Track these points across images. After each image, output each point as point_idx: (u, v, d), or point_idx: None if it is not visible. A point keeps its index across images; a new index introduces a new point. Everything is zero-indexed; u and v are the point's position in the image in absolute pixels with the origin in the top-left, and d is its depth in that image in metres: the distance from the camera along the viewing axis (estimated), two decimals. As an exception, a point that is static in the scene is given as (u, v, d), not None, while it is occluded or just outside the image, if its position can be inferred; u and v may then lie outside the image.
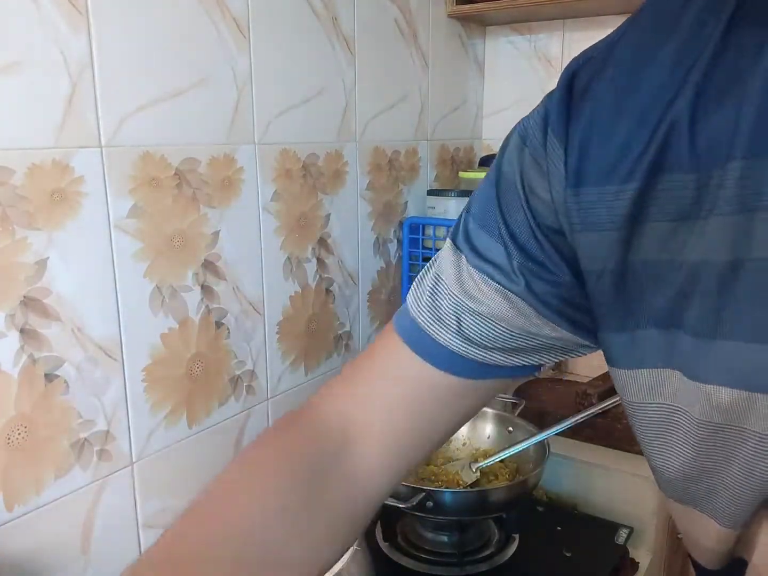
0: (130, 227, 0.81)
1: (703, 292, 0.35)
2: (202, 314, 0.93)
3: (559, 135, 0.39)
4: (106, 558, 0.84)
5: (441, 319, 0.46)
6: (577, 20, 1.40)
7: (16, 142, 0.69)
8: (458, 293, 0.45)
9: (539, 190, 0.41)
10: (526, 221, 0.42)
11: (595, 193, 0.37)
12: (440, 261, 0.47)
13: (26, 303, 0.72)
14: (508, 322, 0.44)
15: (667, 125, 0.35)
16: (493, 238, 0.43)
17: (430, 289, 0.47)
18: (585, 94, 0.39)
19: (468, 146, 1.52)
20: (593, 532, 1.02)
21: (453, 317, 0.45)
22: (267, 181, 1.00)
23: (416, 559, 0.95)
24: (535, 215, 0.42)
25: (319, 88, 1.06)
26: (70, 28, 0.72)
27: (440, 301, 0.46)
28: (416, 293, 0.48)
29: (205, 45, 0.87)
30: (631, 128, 0.36)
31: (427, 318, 0.46)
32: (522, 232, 0.42)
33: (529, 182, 0.42)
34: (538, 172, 0.41)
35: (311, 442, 0.48)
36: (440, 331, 0.46)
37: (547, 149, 0.40)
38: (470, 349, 0.45)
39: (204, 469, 0.97)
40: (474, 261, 0.44)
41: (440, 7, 1.33)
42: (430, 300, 0.46)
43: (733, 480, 0.38)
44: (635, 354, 0.39)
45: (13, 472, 0.73)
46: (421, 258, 1.30)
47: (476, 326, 0.45)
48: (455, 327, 0.45)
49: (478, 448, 1.07)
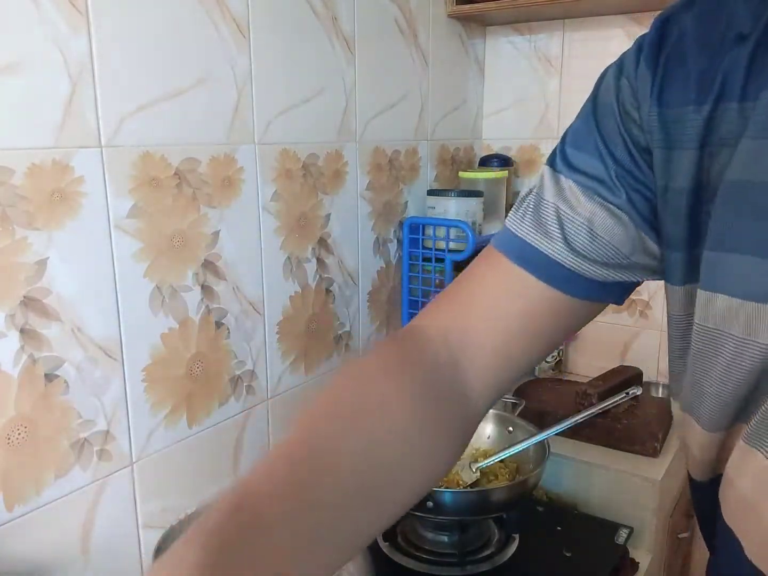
0: (130, 227, 0.81)
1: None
2: (202, 314, 0.93)
3: (649, 62, 0.45)
4: (106, 558, 0.84)
5: (547, 232, 0.49)
6: (577, 20, 1.40)
7: (16, 142, 0.69)
8: (562, 206, 0.49)
9: (632, 112, 0.46)
10: (623, 142, 0.47)
11: (675, 113, 0.43)
12: (540, 184, 0.52)
13: (26, 303, 0.72)
14: (608, 234, 0.48)
15: (732, 59, 0.40)
16: (593, 157, 0.48)
17: (533, 207, 0.50)
18: (674, 26, 0.45)
19: (468, 146, 1.52)
20: (593, 532, 1.02)
21: (558, 228, 0.48)
22: (267, 181, 1.00)
23: (416, 559, 0.95)
24: (631, 136, 0.46)
25: (319, 88, 1.06)
26: (70, 28, 0.72)
27: (545, 216, 0.49)
28: (516, 215, 0.52)
29: (205, 45, 0.87)
30: (709, 57, 0.42)
31: (533, 233, 0.49)
32: (620, 151, 0.47)
33: (623, 106, 0.47)
34: (631, 95, 0.46)
35: (424, 359, 0.50)
36: (547, 243, 0.49)
37: (638, 74, 0.46)
38: (574, 260, 0.48)
39: (204, 469, 0.97)
40: (575, 177, 0.48)
41: (440, 7, 1.33)
42: (533, 216, 0.50)
43: (714, 383, 0.43)
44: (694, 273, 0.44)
45: (13, 472, 0.73)
46: (421, 258, 1.30)
47: (579, 236, 0.48)
48: (561, 237, 0.48)
49: (478, 448, 1.07)
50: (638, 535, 1.03)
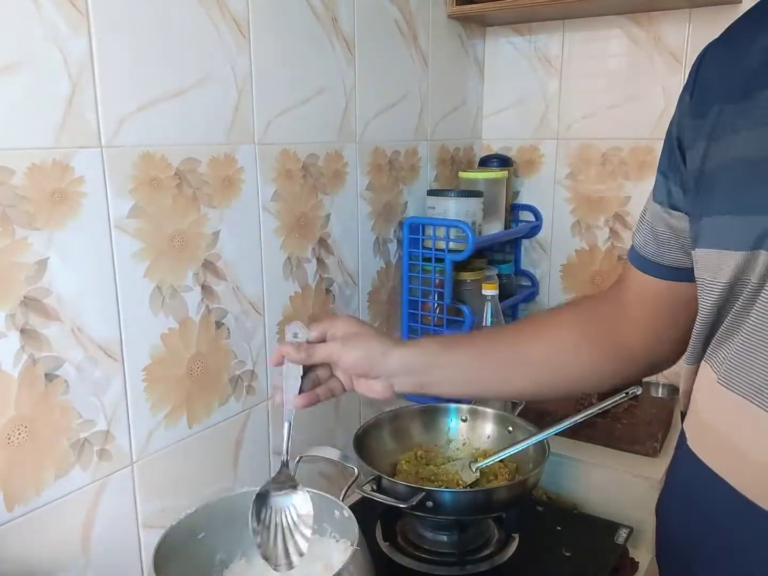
0: (130, 227, 0.81)
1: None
2: (202, 314, 0.93)
3: (688, 85, 0.62)
4: (106, 558, 0.84)
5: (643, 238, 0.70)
6: (577, 20, 1.40)
7: (16, 142, 0.69)
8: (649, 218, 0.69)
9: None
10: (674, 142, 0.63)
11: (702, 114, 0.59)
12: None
13: (26, 303, 0.72)
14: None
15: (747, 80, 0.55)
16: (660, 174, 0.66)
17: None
18: (704, 59, 0.62)
19: (468, 146, 1.52)
20: (593, 532, 1.02)
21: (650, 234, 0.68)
22: (267, 181, 1.00)
23: (416, 559, 0.95)
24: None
25: (319, 88, 1.06)
26: (70, 28, 0.72)
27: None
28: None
29: (205, 45, 0.87)
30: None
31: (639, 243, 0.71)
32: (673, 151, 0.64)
33: (679, 122, 0.63)
34: (679, 116, 0.63)
35: (598, 314, 0.76)
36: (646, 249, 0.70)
37: (682, 100, 0.63)
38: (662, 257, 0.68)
39: (204, 469, 0.97)
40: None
41: (440, 7, 1.33)
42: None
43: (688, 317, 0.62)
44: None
45: (14, 472, 0.73)
46: (421, 258, 1.30)
47: (665, 242, 0.67)
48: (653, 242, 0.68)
49: (477, 448, 1.07)
50: (638, 535, 1.03)
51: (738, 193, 0.54)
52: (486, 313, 1.21)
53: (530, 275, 1.56)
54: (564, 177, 1.48)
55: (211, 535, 0.78)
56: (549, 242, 1.53)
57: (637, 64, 1.36)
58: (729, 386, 0.54)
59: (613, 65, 1.39)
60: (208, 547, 0.78)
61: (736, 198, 0.54)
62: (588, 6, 1.29)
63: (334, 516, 0.78)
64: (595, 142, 1.43)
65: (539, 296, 1.57)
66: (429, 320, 1.32)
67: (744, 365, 0.53)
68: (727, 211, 0.54)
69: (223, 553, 0.80)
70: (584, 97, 1.42)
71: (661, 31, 1.32)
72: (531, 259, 1.57)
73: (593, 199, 1.45)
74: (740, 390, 0.53)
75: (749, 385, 0.52)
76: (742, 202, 0.53)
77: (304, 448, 0.86)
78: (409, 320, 1.34)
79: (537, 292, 1.56)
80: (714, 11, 1.26)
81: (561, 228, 1.51)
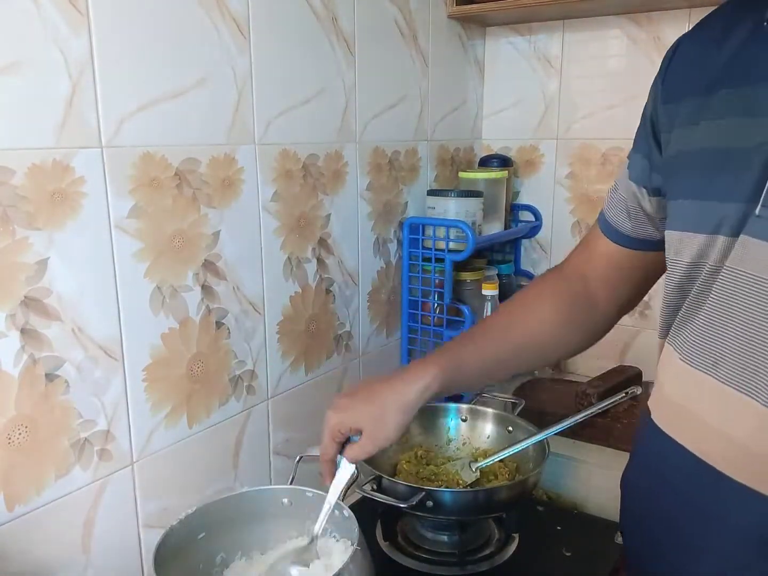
0: (130, 227, 0.81)
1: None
2: (202, 314, 0.93)
3: (660, 73, 0.68)
4: (106, 558, 0.84)
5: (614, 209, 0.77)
6: (577, 21, 1.40)
7: (16, 142, 0.69)
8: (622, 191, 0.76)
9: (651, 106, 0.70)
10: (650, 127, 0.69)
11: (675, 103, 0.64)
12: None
13: (27, 303, 0.72)
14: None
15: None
16: (639, 154, 0.72)
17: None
18: (677, 50, 0.67)
19: (468, 146, 1.52)
20: (593, 532, 1.02)
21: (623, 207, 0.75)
22: (267, 181, 1.00)
23: (416, 559, 0.95)
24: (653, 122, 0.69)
25: (319, 88, 1.06)
26: (70, 28, 0.72)
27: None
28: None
29: (205, 45, 0.87)
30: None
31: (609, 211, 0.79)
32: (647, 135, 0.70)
33: (653, 107, 0.69)
34: (653, 101, 0.68)
35: (569, 287, 0.83)
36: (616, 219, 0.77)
37: (656, 86, 0.68)
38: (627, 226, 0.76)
39: (204, 469, 0.97)
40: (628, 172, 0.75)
41: (440, 7, 1.33)
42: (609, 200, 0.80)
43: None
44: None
45: (14, 472, 0.73)
46: (420, 258, 1.30)
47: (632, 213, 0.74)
48: (624, 214, 0.76)
49: (477, 447, 1.07)
50: (638, 534, 1.03)
51: (699, 180, 0.59)
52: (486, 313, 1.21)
53: (530, 275, 1.56)
54: (564, 177, 1.48)
55: (211, 535, 0.78)
56: (549, 242, 1.53)
57: (636, 64, 1.36)
58: (690, 363, 0.59)
59: (613, 65, 1.39)
60: (208, 547, 0.78)
61: (697, 184, 0.59)
62: (588, 6, 1.29)
63: (334, 516, 0.78)
64: (595, 142, 1.43)
65: (539, 296, 1.56)
66: (429, 320, 1.33)
67: (704, 343, 0.58)
68: (689, 195, 0.60)
69: (223, 553, 0.80)
70: (584, 97, 1.42)
71: (660, 31, 1.32)
72: (531, 259, 1.57)
73: (593, 199, 1.45)
74: (699, 366, 0.58)
75: (708, 360, 0.57)
76: (702, 189, 0.58)
77: (304, 449, 0.86)
78: (409, 320, 1.34)
79: (537, 292, 1.56)
80: (714, 11, 1.26)
81: (561, 228, 1.51)
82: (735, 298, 0.55)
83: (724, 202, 0.56)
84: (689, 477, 0.59)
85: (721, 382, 0.56)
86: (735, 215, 0.55)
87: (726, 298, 0.56)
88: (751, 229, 0.54)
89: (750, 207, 0.54)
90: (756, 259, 0.53)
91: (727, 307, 0.56)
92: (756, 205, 0.53)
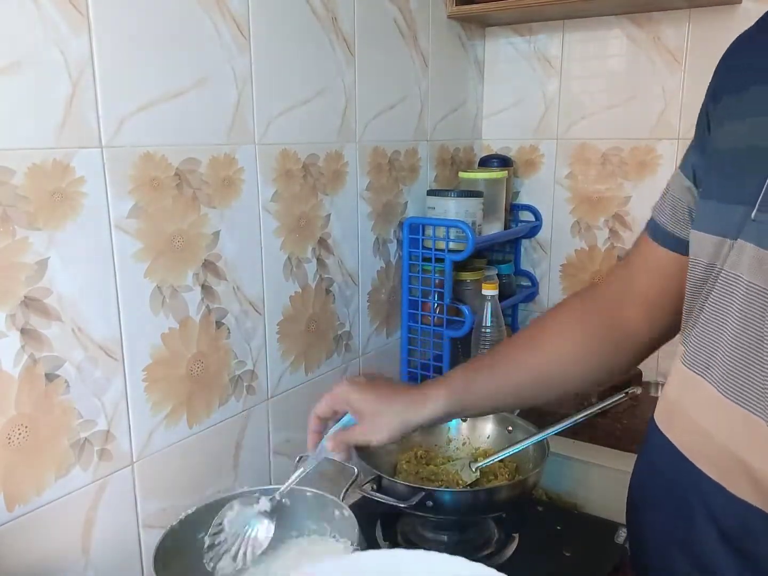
0: (130, 227, 0.81)
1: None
2: (202, 314, 0.93)
3: (715, 71, 0.64)
4: (106, 558, 0.84)
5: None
6: (577, 21, 1.40)
7: (16, 142, 0.69)
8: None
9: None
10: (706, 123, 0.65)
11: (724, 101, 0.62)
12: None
13: (27, 303, 0.72)
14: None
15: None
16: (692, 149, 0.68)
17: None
18: (729, 49, 0.64)
19: (468, 146, 1.52)
20: (593, 532, 1.02)
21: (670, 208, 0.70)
22: (267, 181, 1.00)
23: (416, 559, 0.95)
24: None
25: (319, 88, 1.06)
26: (70, 28, 0.72)
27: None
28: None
29: (205, 45, 0.87)
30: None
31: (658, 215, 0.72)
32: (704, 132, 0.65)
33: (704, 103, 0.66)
34: (705, 97, 0.65)
35: (601, 312, 0.77)
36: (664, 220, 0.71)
37: (711, 85, 0.65)
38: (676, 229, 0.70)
39: (204, 469, 0.97)
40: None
41: (440, 7, 1.33)
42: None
43: None
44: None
45: (14, 472, 0.73)
46: (420, 258, 1.30)
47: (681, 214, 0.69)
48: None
49: (477, 447, 1.07)
50: (638, 534, 1.03)
51: (719, 180, 0.59)
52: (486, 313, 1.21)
53: (530, 275, 1.56)
54: (564, 177, 1.48)
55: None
56: (549, 242, 1.53)
57: (636, 65, 1.36)
58: (688, 364, 0.60)
59: (613, 65, 1.39)
60: (209, 547, 0.78)
61: (718, 185, 0.59)
62: (588, 6, 1.29)
63: (334, 516, 0.78)
64: (595, 142, 1.43)
65: (539, 296, 1.57)
66: (429, 320, 1.33)
67: (700, 345, 0.59)
68: (712, 196, 0.59)
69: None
70: (584, 98, 1.42)
71: (660, 31, 1.32)
72: (531, 259, 1.57)
73: (593, 199, 1.45)
74: (695, 367, 0.59)
75: (701, 363, 0.58)
76: (721, 190, 0.58)
77: (304, 449, 0.86)
78: (409, 320, 1.34)
79: (537, 292, 1.56)
80: (713, 11, 1.26)
81: (561, 228, 1.51)
82: (728, 303, 0.55)
83: (732, 204, 0.55)
84: (677, 472, 0.61)
85: (713, 385, 0.56)
86: (737, 218, 0.55)
87: (721, 302, 0.56)
88: (747, 233, 0.54)
89: (748, 210, 0.53)
90: (748, 263, 0.53)
91: (722, 311, 0.56)
92: (753, 209, 0.53)
